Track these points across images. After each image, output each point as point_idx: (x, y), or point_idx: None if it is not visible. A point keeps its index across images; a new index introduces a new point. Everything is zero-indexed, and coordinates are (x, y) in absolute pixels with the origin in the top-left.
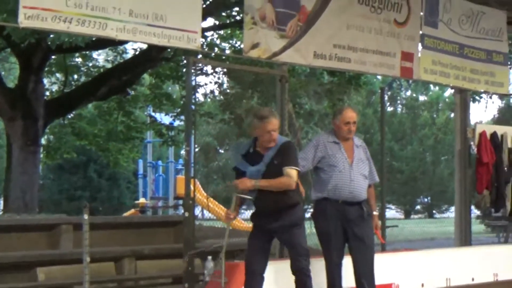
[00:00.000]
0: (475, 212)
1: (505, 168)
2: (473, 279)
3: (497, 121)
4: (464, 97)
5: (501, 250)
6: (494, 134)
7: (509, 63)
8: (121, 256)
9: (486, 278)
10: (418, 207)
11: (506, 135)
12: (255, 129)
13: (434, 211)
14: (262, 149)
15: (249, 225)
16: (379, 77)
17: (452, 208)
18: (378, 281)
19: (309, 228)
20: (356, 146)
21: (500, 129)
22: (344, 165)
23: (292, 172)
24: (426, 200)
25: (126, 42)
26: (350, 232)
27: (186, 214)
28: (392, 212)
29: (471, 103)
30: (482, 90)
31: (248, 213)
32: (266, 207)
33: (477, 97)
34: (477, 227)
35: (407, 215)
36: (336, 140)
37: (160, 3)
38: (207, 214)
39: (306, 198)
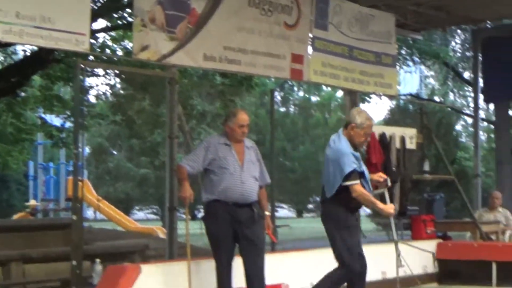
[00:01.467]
0: (365, 210)
1: (393, 168)
2: None
3: (388, 122)
4: (354, 98)
5: (389, 248)
6: (382, 135)
7: (397, 64)
8: (8, 260)
9: (375, 276)
10: (310, 206)
11: (394, 136)
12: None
13: None
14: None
15: (140, 225)
16: (272, 78)
17: None
18: (268, 281)
19: (200, 229)
20: (247, 148)
21: (388, 130)
22: (235, 167)
23: None
24: (318, 199)
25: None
26: (240, 234)
27: (74, 217)
28: (284, 211)
29: (361, 104)
30: (371, 92)
31: (139, 214)
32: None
33: (366, 98)
34: (368, 225)
35: (299, 214)
36: (227, 142)
37: (48, 6)
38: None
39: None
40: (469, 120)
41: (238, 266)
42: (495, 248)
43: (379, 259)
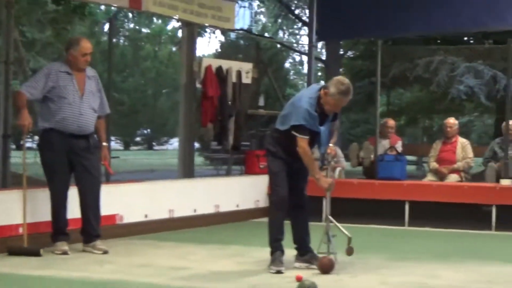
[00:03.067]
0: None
1: (229, 102)
2: (195, 211)
3: (219, 55)
4: (191, 31)
5: (222, 182)
6: (219, 69)
7: None
8: None
9: (208, 210)
10: (138, 138)
11: (231, 70)
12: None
13: (154, 143)
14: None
15: None
16: (102, 7)
17: (172, 140)
18: (103, 212)
19: (34, 157)
20: (88, 78)
21: (225, 64)
22: (74, 97)
23: None
24: (146, 132)
25: None
26: (76, 163)
27: None
28: (111, 144)
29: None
30: (207, 25)
31: None
32: None
33: (202, 32)
34: (196, 159)
35: (127, 147)
36: (69, 70)
37: None
38: None
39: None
40: (297, 58)
41: (73, 196)
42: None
43: (212, 193)
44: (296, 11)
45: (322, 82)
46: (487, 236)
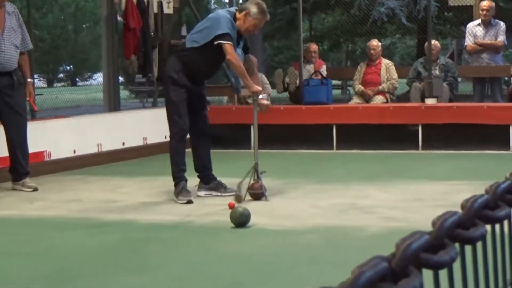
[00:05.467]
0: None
1: (152, 33)
2: (123, 144)
3: None
4: None
5: (149, 114)
6: (140, 0)
7: None
8: None
9: (136, 142)
10: (60, 75)
11: (152, 1)
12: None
13: (77, 79)
14: None
15: None
16: None
17: (95, 75)
18: (30, 149)
19: None
20: (8, 14)
21: None
22: None
23: None
24: (68, 68)
25: None
26: (1, 101)
27: None
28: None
29: None
30: None
31: None
32: None
33: None
34: (121, 93)
35: (50, 84)
36: None
37: None
38: None
39: None
40: None
41: (0, 134)
42: (251, 111)
43: (139, 126)
44: None
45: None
46: (414, 155)
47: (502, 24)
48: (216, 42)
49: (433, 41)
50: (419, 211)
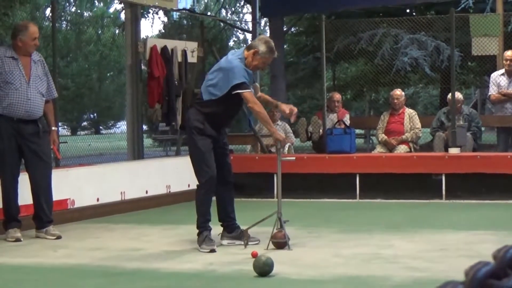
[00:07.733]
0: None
1: (176, 82)
2: (147, 192)
3: (162, 36)
4: (135, 11)
5: (173, 162)
6: (164, 48)
7: None
8: None
9: (159, 190)
10: (84, 123)
11: (176, 49)
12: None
13: (100, 127)
14: None
15: None
16: None
17: (119, 123)
18: (54, 196)
19: None
20: (33, 62)
21: (170, 43)
22: (21, 82)
23: None
24: (92, 116)
25: None
26: (26, 148)
27: None
28: (59, 129)
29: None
30: (151, 5)
31: None
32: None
33: (145, 13)
34: (144, 142)
35: (74, 132)
36: (15, 55)
37: None
38: None
39: None
40: (241, 36)
41: (24, 182)
42: (275, 160)
43: (163, 174)
44: None
45: None
46: (438, 205)
47: None
48: (234, 92)
49: (456, 93)
50: (443, 261)
